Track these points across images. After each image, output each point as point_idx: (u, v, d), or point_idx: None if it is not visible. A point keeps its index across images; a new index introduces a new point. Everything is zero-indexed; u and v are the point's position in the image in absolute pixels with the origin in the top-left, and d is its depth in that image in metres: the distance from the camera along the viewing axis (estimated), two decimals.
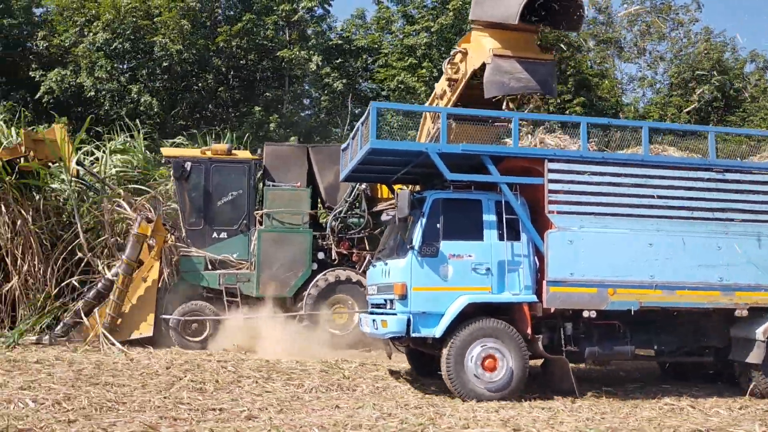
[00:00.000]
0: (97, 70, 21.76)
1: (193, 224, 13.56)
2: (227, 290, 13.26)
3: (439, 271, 8.76)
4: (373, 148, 8.83)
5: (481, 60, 10.67)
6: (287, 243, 13.39)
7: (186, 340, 12.93)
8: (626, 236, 9.07)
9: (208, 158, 13.61)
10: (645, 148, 9.34)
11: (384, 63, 23.87)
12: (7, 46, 22.83)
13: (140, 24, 21.61)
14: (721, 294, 9.23)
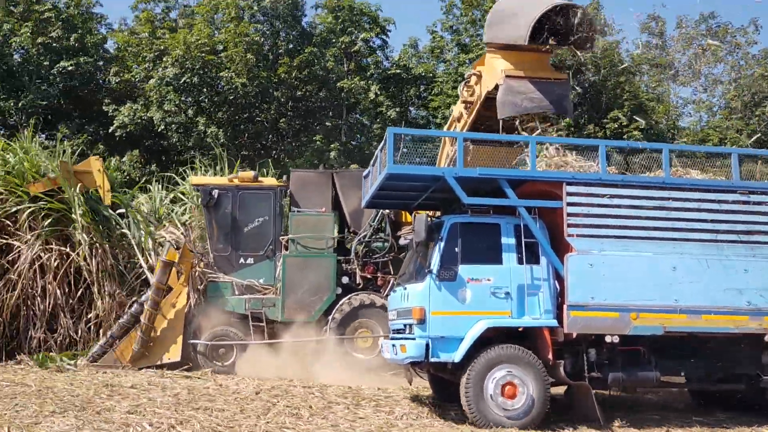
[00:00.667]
0: (166, 104, 22.43)
1: (221, 250, 13.67)
2: (253, 315, 13.28)
3: (458, 295, 8.66)
4: (391, 173, 8.81)
5: (494, 81, 10.66)
6: (311, 268, 13.40)
7: (214, 365, 12.98)
8: (648, 259, 8.85)
9: (235, 186, 13.75)
10: (666, 171, 9.16)
11: (439, 91, 24.06)
12: (81, 81, 23.63)
13: (207, 59, 22.24)
14: (750, 318, 8.93)
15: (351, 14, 24.72)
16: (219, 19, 25.07)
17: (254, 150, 24.18)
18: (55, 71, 23.16)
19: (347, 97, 24.11)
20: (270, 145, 24.50)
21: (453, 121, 12.40)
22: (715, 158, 9.87)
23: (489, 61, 11.08)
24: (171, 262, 12.89)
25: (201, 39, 22.43)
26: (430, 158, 9.98)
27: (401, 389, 11.00)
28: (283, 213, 14.04)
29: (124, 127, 22.60)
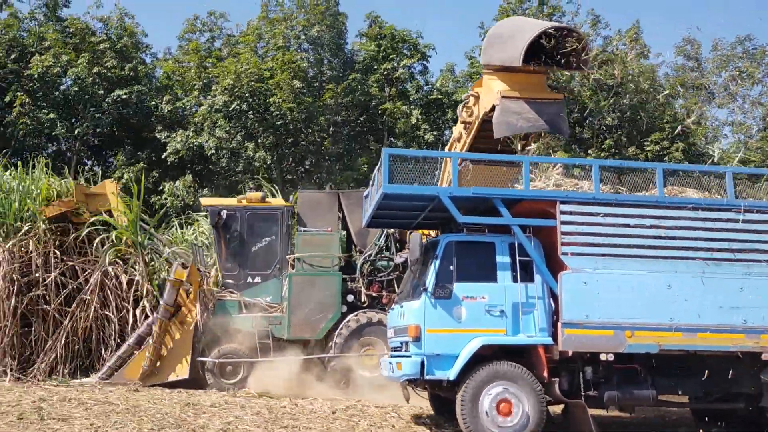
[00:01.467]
0: (217, 130, 22.98)
1: (229, 269, 13.84)
2: (260, 333, 13.40)
3: (453, 313, 8.72)
4: (386, 192, 8.94)
5: (491, 102, 10.81)
6: (317, 286, 13.51)
7: (222, 382, 13.10)
8: (643, 278, 8.87)
9: (243, 206, 13.95)
10: (660, 190, 9.19)
11: None
12: (135, 109, 24.48)
13: (255, 86, 22.80)
14: (746, 337, 8.90)
15: (393, 42, 25.41)
16: (261, 48, 25.79)
17: (297, 174, 24.79)
18: (109, 100, 23.98)
19: (388, 121, 24.53)
20: (311, 168, 24.99)
21: (453, 141, 12.55)
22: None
23: (486, 83, 11.24)
24: (179, 281, 13.06)
25: (250, 68, 23.00)
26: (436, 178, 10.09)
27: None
28: (291, 232, 14.19)
29: (177, 153, 23.25)
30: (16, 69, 24.15)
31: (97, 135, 24.95)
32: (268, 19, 25.91)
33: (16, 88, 23.67)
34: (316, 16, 25.02)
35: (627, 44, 24.30)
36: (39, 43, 24.35)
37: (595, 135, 23.46)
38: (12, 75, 24.11)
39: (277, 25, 25.28)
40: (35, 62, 23.26)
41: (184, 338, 13.31)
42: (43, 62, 23.26)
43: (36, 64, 23.20)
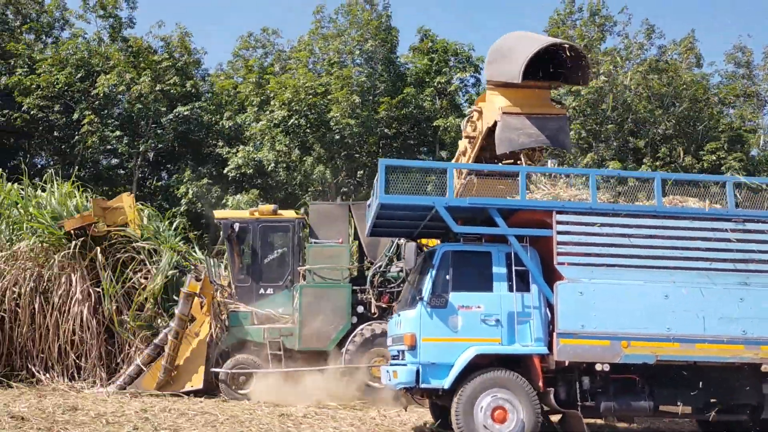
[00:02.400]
0: (277, 144, 23.63)
1: (242, 281, 14.13)
2: (271, 344, 13.63)
3: (449, 322, 8.82)
4: (382, 203, 9.11)
5: (493, 118, 10.93)
6: (327, 297, 13.70)
7: (234, 392, 13.34)
8: (640, 288, 8.87)
9: (255, 219, 14.25)
10: (658, 199, 9.20)
11: None
12: (195, 125, 25.40)
13: (312, 101, 23.41)
14: (746, 348, 8.82)
15: (444, 55, 25.94)
16: (312, 62, 26.59)
17: (349, 186, 25.33)
18: (171, 116, 24.89)
19: (442, 134, 24.92)
20: (363, 180, 25.52)
21: (459, 154, 12.69)
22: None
23: (489, 98, 11.38)
24: (192, 293, 13.37)
25: (308, 83, 23.57)
26: None
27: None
28: (302, 244, 14.43)
29: (238, 168, 23.95)
30: (83, 88, 25.18)
31: (158, 151, 25.88)
32: (321, 35, 26.57)
33: (84, 107, 24.61)
34: (370, 31, 25.55)
35: (682, 54, 24.37)
36: (104, 63, 25.29)
37: (649, 145, 23.38)
38: (79, 94, 25.09)
39: (331, 41, 25.90)
40: (101, 81, 24.22)
41: (198, 349, 13.62)
42: (109, 81, 24.19)
43: (102, 83, 24.13)
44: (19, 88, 24.50)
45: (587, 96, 22.95)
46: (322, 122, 23.75)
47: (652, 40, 24.88)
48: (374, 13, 26.07)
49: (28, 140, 26.62)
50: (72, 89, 25.08)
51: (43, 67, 24.88)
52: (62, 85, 24.74)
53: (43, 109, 24.58)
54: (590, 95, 22.95)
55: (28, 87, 24.55)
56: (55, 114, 24.82)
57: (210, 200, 23.37)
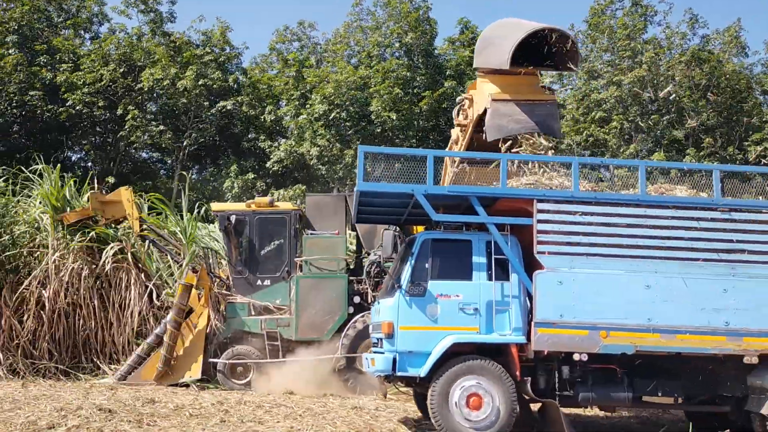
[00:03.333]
0: (319, 138, 23.99)
1: (239, 272, 14.33)
2: (268, 335, 13.82)
3: (427, 311, 8.90)
4: (360, 190, 9.22)
5: (483, 106, 10.99)
6: (324, 288, 13.84)
7: (232, 383, 13.56)
8: (621, 278, 8.87)
9: (252, 211, 14.43)
10: (642, 188, 9.17)
11: (572, 117, 24.55)
12: (238, 119, 25.97)
13: (352, 94, 23.74)
14: (728, 339, 8.78)
15: None
16: (348, 55, 26.98)
17: (389, 179, 25.51)
18: (214, 111, 25.39)
19: None
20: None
21: (452, 143, 12.75)
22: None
23: (479, 86, 11.45)
24: (189, 284, 13.60)
25: (350, 77, 23.85)
26: None
27: None
28: (299, 236, 14.59)
29: (281, 161, 24.31)
30: (126, 84, 25.78)
31: (199, 145, 26.42)
32: (359, 27, 26.75)
33: (128, 102, 25.12)
34: (409, 23, 25.70)
35: (726, 43, 24.15)
36: (146, 58, 25.80)
37: (692, 135, 23.23)
38: (123, 89, 25.64)
39: (370, 34, 26.10)
40: (146, 76, 24.69)
41: (196, 340, 13.83)
42: (153, 76, 24.60)
43: (147, 78, 24.56)
44: (66, 84, 25.02)
45: (629, 86, 22.86)
46: (362, 115, 23.89)
47: (695, 30, 24.67)
48: (412, 5, 26.17)
49: (68, 135, 27.29)
50: (115, 85, 25.60)
51: (87, 63, 25.41)
52: (106, 81, 25.26)
53: (88, 105, 25.07)
54: (633, 84, 22.85)
55: (74, 83, 25.08)
56: (99, 109, 25.36)
57: (254, 195, 23.72)
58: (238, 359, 13.74)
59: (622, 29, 23.54)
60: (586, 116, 23.97)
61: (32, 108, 25.41)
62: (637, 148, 22.50)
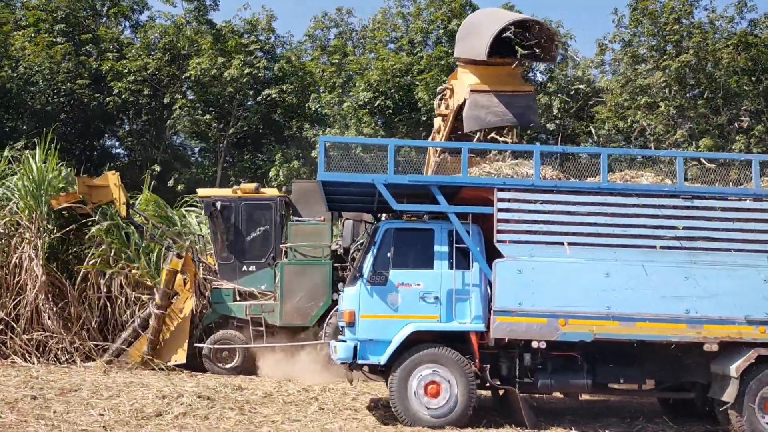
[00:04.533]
0: (363, 126, 24.38)
1: (225, 258, 14.69)
2: (253, 320, 14.19)
3: (388, 300, 9.16)
4: (322, 180, 9.46)
5: (462, 96, 11.10)
6: (308, 275, 14.14)
7: (217, 367, 13.96)
8: (580, 266, 9.03)
9: (237, 197, 14.75)
10: (603, 175, 9.29)
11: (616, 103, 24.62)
12: (282, 107, 26.68)
13: (397, 81, 24.07)
14: (688, 327, 8.92)
15: None
16: (386, 41, 27.17)
17: None
18: (260, 99, 26.07)
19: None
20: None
21: (434, 132, 12.90)
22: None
23: (459, 76, 11.59)
24: (174, 270, 13.97)
25: (396, 64, 24.10)
26: None
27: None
28: (285, 222, 14.88)
29: (325, 150, 24.74)
30: (173, 72, 26.42)
31: (243, 133, 27.07)
32: (401, 13, 26.94)
33: (175, 90, 25.77)
34: (453, 10, 25.77)
35: None
36: (191, 46, 26.40)
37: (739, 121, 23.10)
38: (168, 78, 26.31)
39: (413, 20, 26.29)
40: (193, 64, 25.30)
41: (182, 324, 14.22)
42: (201, 65, 25.21)
43: (194, 67, 25.17)
44: (112, 73, 25.69)
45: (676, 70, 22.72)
46: (407, 103, 24.13)
47: (743, 14, 24.39)
48: None
49: (111, 124, 27.93)
50: (160, 73, 26.20)
51: (133, 52, 26.11)
52: (152, 69, 25.90)
53: (134, 93, 25.74)
54: (679, 70, 22.72)
55: (120, 72, 25.73)
56: (144, 97, 25.99)
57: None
58: (222, 344, 14.12)
59: (667, 14, 23.39)
60: (631, 102, 23.93)
61: (79, 97, 26.06)
62: (684, 135, 22.38)
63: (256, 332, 14.15)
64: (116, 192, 14.92)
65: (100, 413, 9.02)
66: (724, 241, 9.09)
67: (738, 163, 9.90)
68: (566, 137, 24.44)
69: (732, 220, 9.15)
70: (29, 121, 25.81)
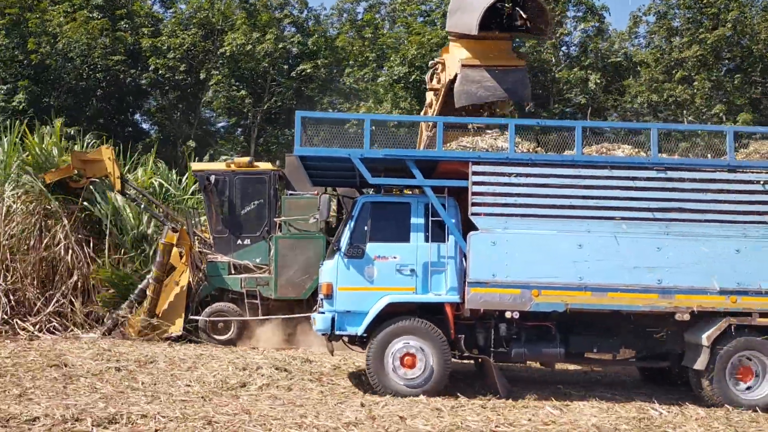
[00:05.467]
0: (401, 101, 24.71)
1: (219, 232, 15.08)
2: (248, 293, 14.60)
3: (365, 272, 9.48)
4: (298, 155, 9.75)
5: (454, 71, 11.29)
6: (302, 248, 14.49)
7: (212, 339, 14.43)
8: (553, 237, 9.28)
9: (231, 171, 15.09)
10: (578, 148, 9.48)
11: (650, 76, 24.69)
12: (316, 82, 27.22)
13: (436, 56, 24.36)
14: (660, 297, 9.17)
15: (564, 6, 26.13)
16: (416, 14, 27.52)
17: None
18: (294, 74, 26.53)
19: (562, 88, 25.35)
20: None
21: (426, 107, 13.10)
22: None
23: (451, 50, 11.79)
24: (170, 243, 14.39)
25: (433, 38, 24.33)
26: None
27: None
28: (279, 196, 15.22)
29: (360, 124, 25.15)
30: (207, 48, 26.89)
31: (276, 108, 27.56)
32: None
33: (211, 66, 26.15)
34: None
35: None
36: (224, 21, 26.76)
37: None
38: (203, 54, 26.77)
39: None
40: (228, 40, 25.64)
41: (178, 297, 14.68)
42: (237, 40, 25.51)
43: (229, 43, 25.50)
44: (150, 49, 26.17)
45: (712, 44, 22.65)
46: None
47: None
48: None
49: (144, 100, 28.45)
50: (196, 49, 26.61)
51: (168, 27, 26.58)
52: (188, 45, 26.32)
53: (170, 69, 26.15)
54: (716, 43, 22.65)
55: (158, 47, 26.20)
56: (180, 74, 26.40)
57: None
58: (218, 316, 14.55)
59: None
60: (666, 76, 23.91)
61: (115, 73, 26.58)
62: (722, 109, 22.35)
63: (251, 305, 14.58)
64: (110, 166, 15.30)
65: (187, 384, 9.54)
66: (697, 212, 9.28)
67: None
68: (595, 111, 24.50)
69: (706, 191, 9.32)
70: (67, 97, 26.38)
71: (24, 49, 25.98)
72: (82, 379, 9.51)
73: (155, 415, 7.39)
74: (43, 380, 9.42)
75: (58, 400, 8.12)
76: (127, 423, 7.14)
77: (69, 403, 7.85)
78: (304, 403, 8.65)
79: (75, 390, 8.88)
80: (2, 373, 9.72)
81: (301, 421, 7.50)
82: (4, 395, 8.35)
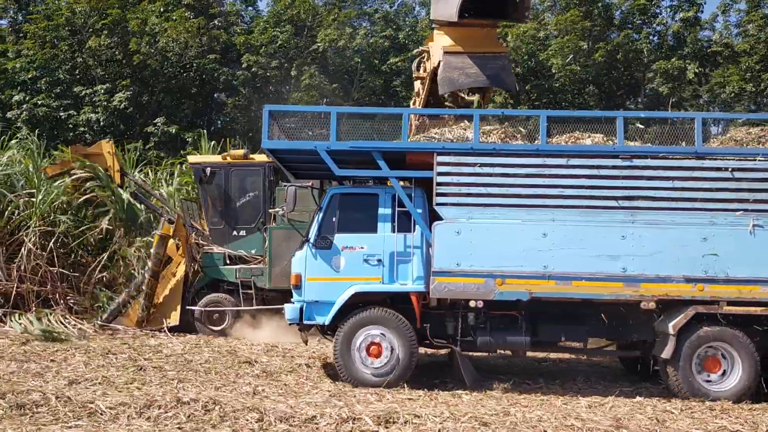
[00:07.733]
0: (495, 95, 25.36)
1: (215, 223, 15.67)
2: (243, 283, 15.15)
3: (332, 263, 9.90)
4: (266, 148, 10.18)
5: (437, 58, 11.61)
6: (296, 239, 14.86)
7: (208, 329, 15.02)
8: (517, 226, 9.56)
9: (227, 163, 15.62)
10: (542, 138, 9.72)
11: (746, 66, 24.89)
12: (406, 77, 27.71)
13: (530, 48, 25.29)
14: (625, 285, 9.38)
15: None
16: None
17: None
18: (385, 68, 27.31)
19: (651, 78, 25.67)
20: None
21: (414, 95, 13.42)
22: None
23: (435, 38, 12.13)
24: (166, 235, 14.99)
25: (527, 30, 24.85)
26: None
27: None
28: (273, 187, 15.70)
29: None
30: (298, 44, 27.70)
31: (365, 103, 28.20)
32: None
33: (300, 63, 27.10)
34: None
35: None
36: (314, 17, 27.67)
37: None
38: (294, 50, 27.66)
39: None
40: (321, 36, 26.52)
41: (175, 288, 15.30)
42: (329, 36, 26.46)
43: (323, 39, 26.42)
44: (244, 47, 27.15)
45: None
46: (539, 69, 24.60)
47: None
48: None
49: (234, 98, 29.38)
50: (288, 45, 27.50)
51: (261, 24, 27.59)
52: (281, 42, 27.23)
53: (263, 67, 27.12)
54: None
55: (253, 45, 27.15)
56: (272, 70, 27.33)
57: None
58: (213, 307, 15.12)
59: None
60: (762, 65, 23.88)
61: (209, 71, 27.54)
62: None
63: (246, 295, 15.12)
64: (110, 160, 15.96)
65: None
66: (664, 200, 9.46)
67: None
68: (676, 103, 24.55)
69: (672, 179, 9.48)
70: (164, 96, 27.39)
71: (124, 49, 26.82)
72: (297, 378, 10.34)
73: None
74: (254, 378, 10.20)
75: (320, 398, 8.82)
76: (404, 423, 7.49)
77: (336, 403, 8.35)
78: None
79: (314, 388, 9.62)
80: (208, 370, 10.65)
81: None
82: (268, 394, 9.03)
